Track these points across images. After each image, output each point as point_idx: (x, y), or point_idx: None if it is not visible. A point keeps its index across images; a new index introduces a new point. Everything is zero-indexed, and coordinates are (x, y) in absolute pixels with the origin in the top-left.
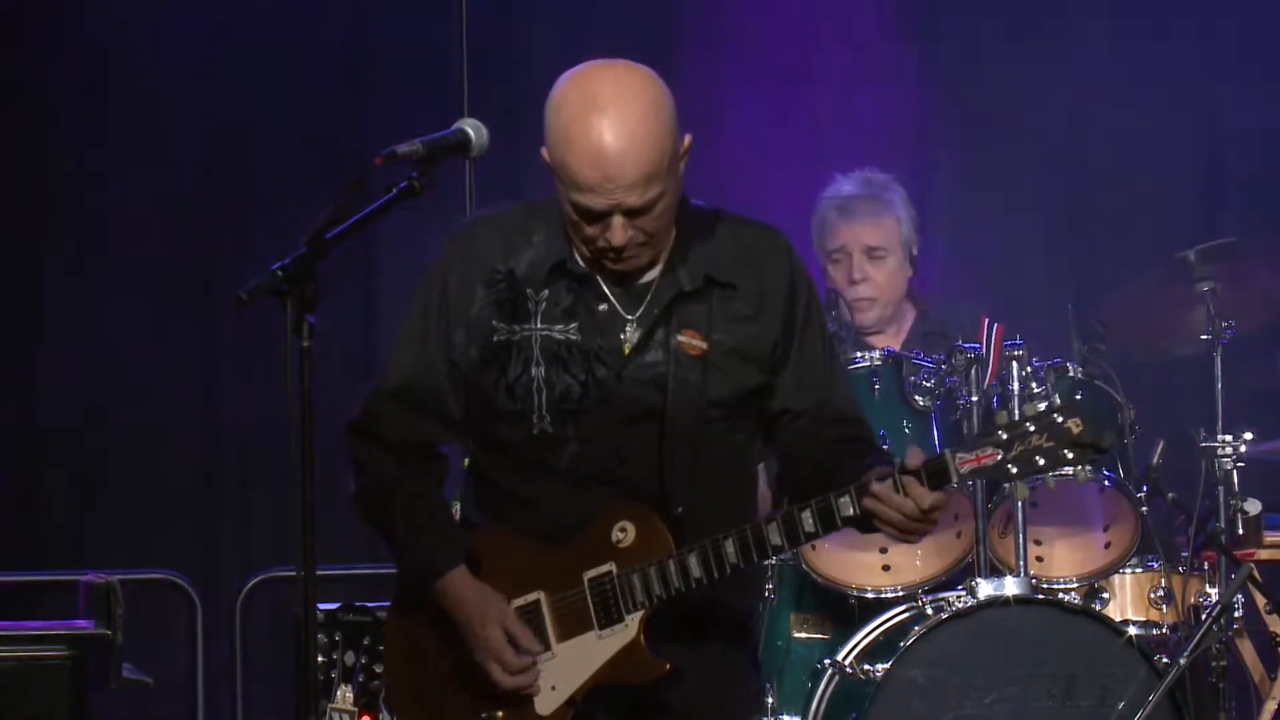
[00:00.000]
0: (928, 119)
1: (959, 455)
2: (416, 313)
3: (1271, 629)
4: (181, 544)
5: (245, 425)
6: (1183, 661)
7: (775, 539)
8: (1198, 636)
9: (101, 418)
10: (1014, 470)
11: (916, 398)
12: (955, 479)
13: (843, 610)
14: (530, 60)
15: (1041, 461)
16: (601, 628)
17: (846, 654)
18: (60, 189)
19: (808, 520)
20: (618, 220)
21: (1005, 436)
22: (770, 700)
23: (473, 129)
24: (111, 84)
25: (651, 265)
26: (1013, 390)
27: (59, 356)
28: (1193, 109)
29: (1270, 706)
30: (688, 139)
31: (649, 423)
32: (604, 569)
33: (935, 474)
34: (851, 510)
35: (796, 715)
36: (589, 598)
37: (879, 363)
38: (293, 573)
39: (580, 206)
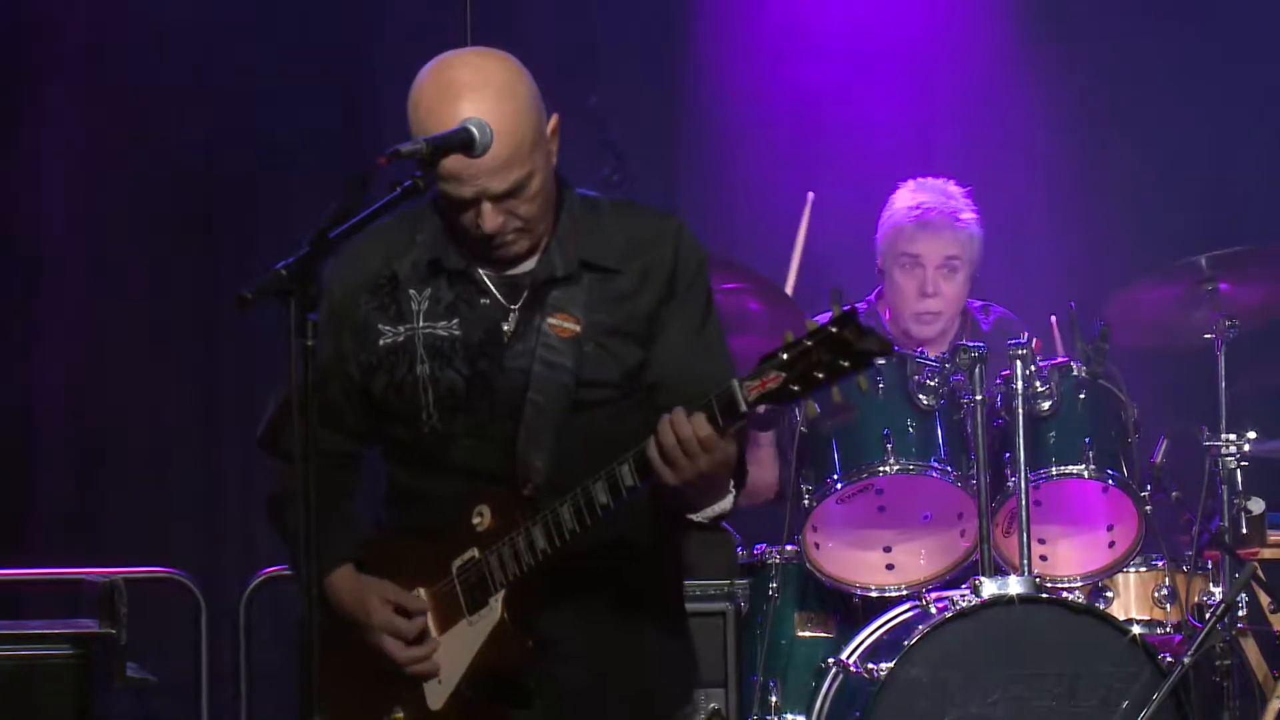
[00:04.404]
0: (930, 118)
1: (745, 384)
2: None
3: (1275, 628)
4: (186, 542)
5: (249, 423)
6: (1187, 660)
7: (602, 496)
8: (1201, 636)
9: (105, 415)
10: (796, 389)
11: (920, 396)
12: (745, 406)
13: (847, 609)
14: (536, 59)
15: (821, 375)
16: (471, 614)
17: (850, 653)
18: (62, 188)
19: (627, 474)
20: (487, 207)
21: (786, 358)
22: (774, 699)
23: (476, 128)
24: (112, 82)
25: (531, 252)
26: (1016, 389)
27: (63, 355)
28: (1199, 108)
29: (1274, 705)
30: (554, 120)
31: (521, 410)
32: (469, 555)
33: (726, 406)
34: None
35: (801, 714)
36: (458, 586)
37: (881, 360)
38: None
39: (448, 196)
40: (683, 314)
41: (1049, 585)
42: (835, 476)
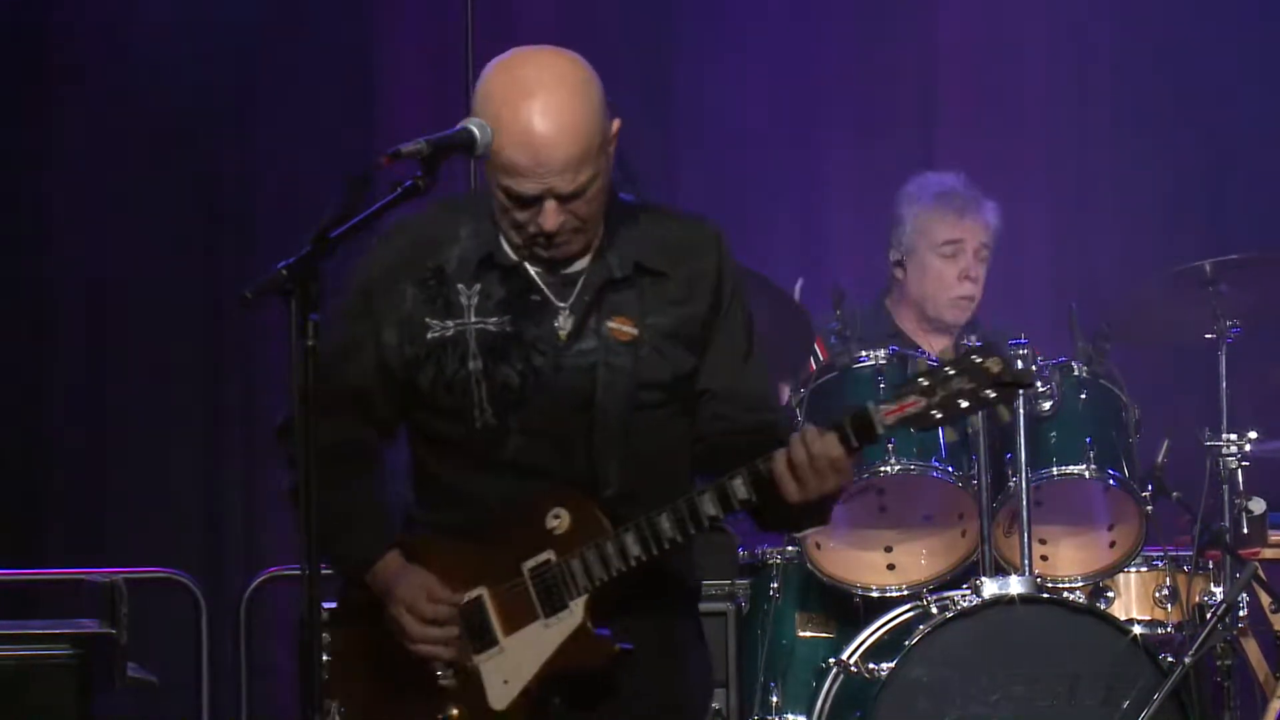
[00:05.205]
0: (929, 117)
1: (882, 407)
2: (342, 314)
3: (1276, 628)
4: (186, 542)
5: (250, 424)
6: (1188, 660)
7: (710, 509)
8: (1203, 636)
9: (106, 415)
10: (938, 415)
11: None
12: (881, 430)
13: (847, 609)
14: None
15: (965, 404)
16: (547, 616)
17: (851, 653)
18: (62, 187)
19: (740, 488)
20: (550, 205)
21: (926, 384)
22: (775, 699)
23: (477, 128)
24: (114, 85)
25: (583, 253)
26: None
27: (63, 354)
28: (1198, 107)
29: (1275, 705)
30: (616, 123)
31: (586, 411)
32: (543, 558)
33: (861, 429)
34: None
35: (801, 714)
36: (530, 588)
37: (883, 361)
38: (298, 571)
39: (512, 192)
40: (729, 327)
41: (1049, 585)
42: None
